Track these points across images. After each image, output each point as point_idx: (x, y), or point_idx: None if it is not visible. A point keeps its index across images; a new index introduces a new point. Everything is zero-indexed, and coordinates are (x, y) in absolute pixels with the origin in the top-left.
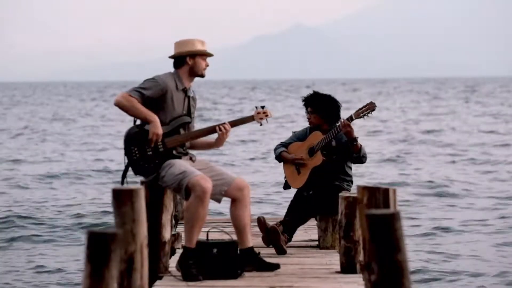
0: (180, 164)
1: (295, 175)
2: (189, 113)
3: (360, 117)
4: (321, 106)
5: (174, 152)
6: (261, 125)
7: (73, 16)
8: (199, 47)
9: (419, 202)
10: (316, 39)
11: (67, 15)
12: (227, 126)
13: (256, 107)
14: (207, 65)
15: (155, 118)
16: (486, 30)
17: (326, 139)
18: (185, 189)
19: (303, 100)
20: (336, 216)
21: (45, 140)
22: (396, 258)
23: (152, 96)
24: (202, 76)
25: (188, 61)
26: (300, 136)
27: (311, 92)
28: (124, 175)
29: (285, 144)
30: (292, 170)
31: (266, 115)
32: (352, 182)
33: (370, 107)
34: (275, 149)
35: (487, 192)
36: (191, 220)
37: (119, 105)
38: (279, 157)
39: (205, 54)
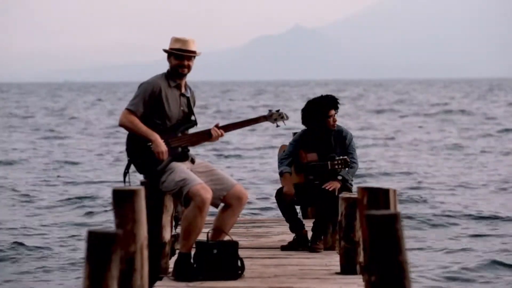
0: (181, 171)
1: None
2: (189, 113)
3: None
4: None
5: (179, 149)
6: (277, 126)
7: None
8: (175, 45)
9: None
10: (316, 41)
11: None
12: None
13: (270, 110)
14: (185, 65)
15: (155, 137)
16: (490, 30)
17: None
18: (185, 197)
19: (332, 102)
20: (336, 217)
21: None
22: (396, 259)
23: (148, 100)
24: (181, 73)
25: (167, 57)
26: (299, 141)
27: (326, 94)
28: (125, 174)
29: (289, 163)
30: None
31: (282, 118)
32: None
33: (344, 161)
34: (280, 164)
35: None
36: (188, 229)
37: (122, 126)
38: (281, 175)
39: (174, 53)
